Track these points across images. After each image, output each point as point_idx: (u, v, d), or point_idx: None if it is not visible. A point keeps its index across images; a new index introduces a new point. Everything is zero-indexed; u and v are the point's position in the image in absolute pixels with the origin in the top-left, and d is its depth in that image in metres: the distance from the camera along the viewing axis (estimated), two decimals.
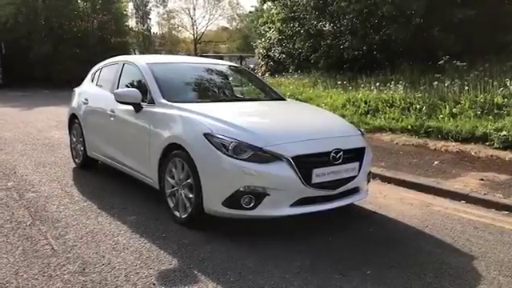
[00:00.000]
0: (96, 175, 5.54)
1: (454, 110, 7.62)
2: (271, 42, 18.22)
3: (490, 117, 7.08)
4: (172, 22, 56.28)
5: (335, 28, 13.80)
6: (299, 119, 4.25)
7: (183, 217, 3.77)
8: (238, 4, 61.50)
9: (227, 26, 61.04)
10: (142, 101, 4.33)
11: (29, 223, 3.91)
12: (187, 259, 3.16)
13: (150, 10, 49.45)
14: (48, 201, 4.54)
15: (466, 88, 8.15)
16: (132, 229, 3.75)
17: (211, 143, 3.46)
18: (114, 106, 4.78)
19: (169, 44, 58.54)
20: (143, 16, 45.96)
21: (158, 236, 3.59)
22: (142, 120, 4.29)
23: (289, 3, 15.12)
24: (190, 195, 3.67)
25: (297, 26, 14.83)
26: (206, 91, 4.85)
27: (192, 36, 55.47)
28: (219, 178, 3.42)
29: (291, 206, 3.44)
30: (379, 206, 4.47)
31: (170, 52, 58.08)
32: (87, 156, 5.63)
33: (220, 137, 3.46)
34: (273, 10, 16.77)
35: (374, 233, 3.78)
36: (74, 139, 5.98)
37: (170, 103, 4.16)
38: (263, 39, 19.46)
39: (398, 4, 11.54)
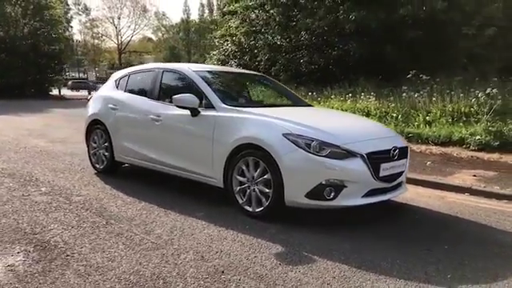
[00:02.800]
0: (124, 178, 5.67)
1: (427, 118, 8.62)
2: (227, 54, 18.70)
3: (461, 124, 8.14)
4: (95, 30, 54.76)
5: (295, 43, 14.64)
6: (350, 122, 4.80)
7: (257, 210, 4.13)
8: (164, 15, 61.13)
9: (152, 36, 60.43)
10: (199, 106, 4.63)
11: (104, 222, 4.03)
12: (287, 244, 3.53)
13: (72, 17, 47.75)
14: (101, 203, 4.65)
15: (434, 99, 9.23)
16: (212, 222, 4.03)
17: (292, 142, 3.88)
18: (161, 111, 5.02)
19: (92, 53, 56.83)
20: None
21: (241, 228, 3.90)
22: (202, 124, 4.58)
23: (249, 18, 15.75)
24: (267, 190, 4.04)
25: (258, 39, 15.48)
26: (251, 97, 5.23)
27: (116, 45, 54.14)
28: (302, 172, 3.84)
29: (362, 196, 3.95)
30: (405, 200, 5.11)
31: (94, 61, 56.60)
32: (114, 161, 5.72)
33: (301, 136, 3.90)
34: (232, 24, 17.31)
35: (421, 219, 4.39)
36: (95, 145, 6.03)
37: (231, 107, 4.53)
38: (217, 51, 19.88)
39: (360, 23, 12.63)
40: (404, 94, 10.02)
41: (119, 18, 54.28)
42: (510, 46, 13.39)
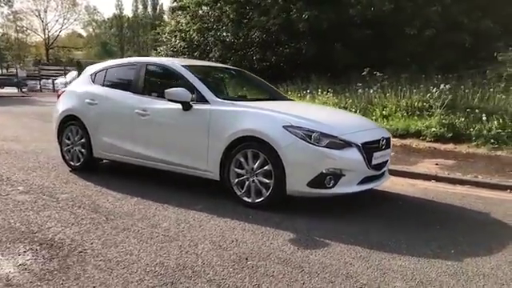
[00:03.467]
0: (104, 175, 5.55)
1: (383, 112, 9.15)
2: (176, 50, 18.48)
3: (415, 117, 8.73)
4: (19, 23, 51.54)
5: (249, 40, 14.82)
6: (338, 115, 5.04)
7: (257, 201, 4.25)
8: (95, 10, 58.83)
9: (82, 32, 57.98)
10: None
11: (104, 219, 3.96)
12: (296, 231, 3.69)
13: None
14: (91, 199, 4.54)
15: (388, 94, 9.81)
16: (214, 214, 4.09)
17: (293, 134, 4.04)
18: (147, 106, 4.97)
19: (16, 48, 53.53)
20: None
21: (245, 218, 4.00)
22: (195, 117, 4.60)
23: (201, 14, 15.70)
24: (267, 181, 4.17)
25: (210, 36, 15.48)
26: (243, 91, 5.30)
27: (43, 40, 51.26)
28: (304, 163, 4.01)
29: (357, 184, 4.20)
30: (384, 188, 5.45)
31: (18, 57, 53.13)
32: (92, 157, 5.58)
33: (301, 128, 4.06)
34: (182, 20, 17.11)
35: (404, 204, 4.73)
36: (69, 142, 5.81)
37: (226, 101, 4.60)
38: (165, 47, 19.56)
39: (312, 22, 13.04)
40: (360, 91, 10.53)
41: (46, 12, 51.35)
42: (446, 46, 14.44)
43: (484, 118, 7.79)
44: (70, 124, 5.79)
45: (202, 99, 4.64)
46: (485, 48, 13.97)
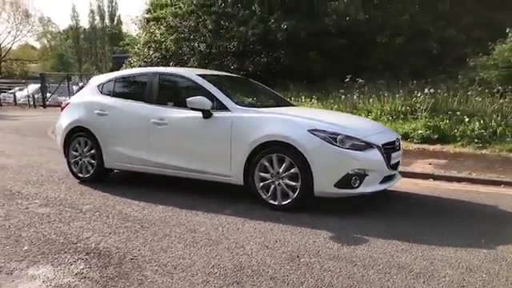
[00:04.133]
0: (115, 185, 5.55)
1: (369, 117, 9.52)
2: (150, 61, 18.34)
3: (400, 121, 9.15)
4: None
5: (227, 50, 14.99)
6: (352, 118, 5.28)
7: (283, 203, 4.40)
8: (49, 21, 57.05)
9: (36, 44, 56.11)
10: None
11: (139, 226, 4.00)
12: (330, 229, 3.86)
13: None
14: (116, 209, 4.55)
15: (371, 100, 10.22)
16: (246, 217, 4.21)
17: (319, 137, 4.24)
18: (163, 115, 5.05)
19: None
20: None
21: (277, 219, 4.13)
22: (217, 125, 4.72)
23: (176, 24, 15.76)
24: (293, 183, 4.33)
25: (187, 46, 15.55)
26: (252, 98, 5.45)
27: None
28: (331, 164, 4.21)
29: (379, 183, 4.44)
30: (392, 187, 5.72)
31: None
32: (103, 168, 5.57)
33: (326, 131, 4.27)
34: (156, 31, 17.07)
35: (416, 202, 5.01)
36: (76, 153, 5.77)
37: (246, 108, 4.76)
38: (138, 58, 19.37)
39: (290, 32, 13.37)
40: (343, 97, 10.90)
41: None
42: (415, 53, 15.14)
43: (467, 120, 8.28)
44: (77, 136, 5.75)
45: (222, 107, 4.77)
46: (450, 54, 14.79)
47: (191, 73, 5.26)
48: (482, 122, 8.19)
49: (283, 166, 4.37)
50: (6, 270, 3.10)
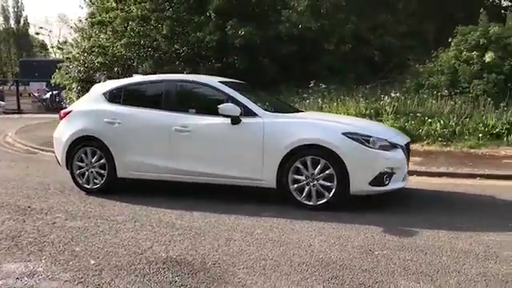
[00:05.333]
0: (129, 195, 5.43)
1: None
2: (91, 66, 17.58)
3: None
4: None
5: (184, 55, 14.90)
6: (368, 122, 5.68)
7: (319, 203, 4.65)
8: None
9: None
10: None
11: (196, 232, 4.04)
12: (381, 224, 4.16)
13: None
14: (155, 217, 4.52)
15: (335, 104, 10.82)
16: (290, 218, 4.39)
17: (353, 140, 4.56)
18: (187, 122, 5.08)
19: None
20: None
21: (319, 219, 4.34)
22: (247, 131, 4.86)
23: (127, 29, 15.34)
24: (328, 184, 4.61)
25: (137, 51, 15.19)
26: (269, 104, 5.60)
27: None
28: (366, 164, 4.54)
29: (402, 180, 4.86)
30: None
31: None
32: (115, 178, 5.45)
33: (359, 134, 4.60)
34: (102, 35, 16.41)
35: (423, 197, 5.50)
36: (82, 164, 5.56)
37: (274, 114, 4.96)
38: (76, 64, 18.46)
39: (247, 38, 13.63)
40: (307, 101, 11.40)
41: None
42: (359, 60, 16.16)
43: (429, 121, 9.12)
44: (82, 146, 5.55)
45: (250, 113, 4.91)
46: (390, 61, 16.00)
47: (213, 80, 5.35)
48: (442, 122, 9.07)
49: (318, 167, 4.62)
50: (93, 284, 3.02)
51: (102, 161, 5.45)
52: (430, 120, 9.15)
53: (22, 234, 4.09)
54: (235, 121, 4.86)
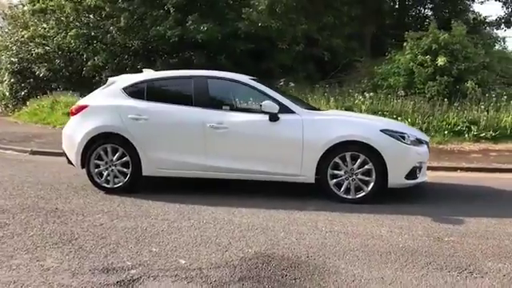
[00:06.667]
0: (150, 193, 5.29)
1: None
2: (28, 58, 16.33)
3: None
4: None
5: (134, 49, 14.42)
6: (391, 121, 6.08)
7: (357, 197, 4.91)
8: None
9: None
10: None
11: (251, 232, 4.10)
12: (429, 215, 4.51)
13: None
14: (208, 218, 4.48)
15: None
16: (335, 211, 4.58)
17: (391, 136, 4.88)
18: (222, 119, 5.07)
19: None
20: None
21: (363, 211, 4.60)
22: (286, 127, 4.97)
23: (73, 19, 14.48)
24: (367, 178, 4.88)
25: (89, 43, 14.42)
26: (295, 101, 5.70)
27: None
28: (403, 159, 4.88)
29: (425, 174, 5.29)
30: None
31: None
32: (139, 176, 5.28)
33: (394, 131, 4.94)
34: (44, 25, 15.26)
35: (429, 189, 5.98)
36: (101, 162, 5.31)
37: (311, 111, 5.16)
38: (10, 53, 17.05)
39: (208, 34, 13.57)
40: None
41: None
42: (309, 59, 16.82)
43: (399, 119, 9.82)
44: (101, 143, 5.29)
45: (287, 110, 5.03)
46: (339, 61, 16.85)
47: (245, 77, 5.36)
48: (409, 120, 9.82)
49: (357, 162, 4.87)
50: (208, 284, 3.00)
51: (125, 158, 5.24)
52: (399, 118, 9.84)
53: (76, 237, 3.86)
54: (274, 118, 4.95)
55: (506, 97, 10.84)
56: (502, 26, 17.95)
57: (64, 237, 3.86)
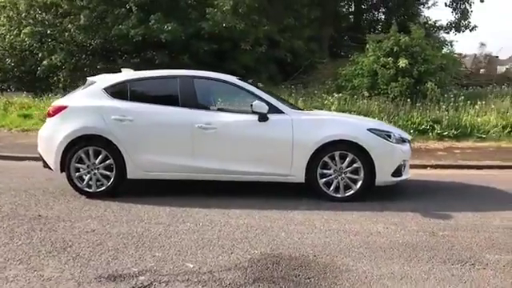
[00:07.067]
0: (142, 196, 5.15)
1: None
2: None
3: None
4: None
5: (93, 48, 13.94)
6: (374, 120, 6.18)
7: (346, 195, 5.00)
8: None
9: None
10: None
11: (252, 233, 4.09)
12: (415, 209, 4.65)
13: None
14: (203, 220, 4.41)
15: None
16: (327, 210, 4.64)
17: (377, 135, 5.00)
18: (210, 119, 5.01)
19: None
20: None
21: (354, 209, 4.71)
22: (276, 127, 4.97)
23: (25, 15, 13.77)
24: (355, 176, 4.98)
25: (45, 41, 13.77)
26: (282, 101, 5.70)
27: None
28: (389, 158, 5.01)
29: (407, 172, 5.46)
30: None
31: None
32: (124, 179, 5.12)
33: (381, 130, 5.07)
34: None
35: (418, 185, 6.18)
36: (83, 166, 5.08)
37: (299, 111, 5.21)
38: None
39: (173, 34, 13.32)
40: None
41: None
42: (272, 61, 16.96)
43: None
44: (82, 146, 5.07)
45: (276, 110, 5.04)
46: (301, 63, 17.11)
47: (232, 77, 5.31)
48: (376, 119, 10.10)
49: (346, 161, 4.96)
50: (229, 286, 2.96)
51: (109, 161, 5.05)
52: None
53: (69, 244, 3.68)
54: (263, 118, 4.94)
55: (463, 97, 11.40)
56: (453, 30, 18.87)
57: (56, 244, 3.67)
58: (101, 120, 5.03)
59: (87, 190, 5.09)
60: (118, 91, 5.21)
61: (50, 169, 5.25)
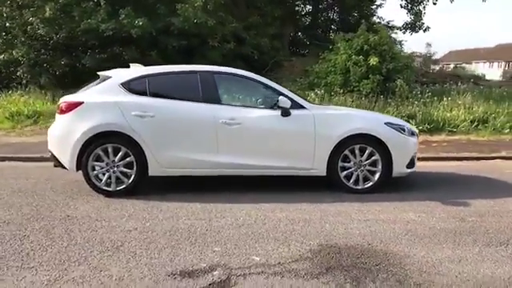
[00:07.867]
0: (156, 193, 5.05)
1: None
2: None
3: None
4: None
5: (58, 42, 13.29)
6: (383, 115, 6.39)
7: (366, 186, 5.20)
8: None
9: None
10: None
11: (298, 226, 4.18)
12: (432, 198, 4.93)
13: None
14: (239, 215, 4.43)
15: None
16: (355, 201, 4.81)
17: (394, 129, 5.24)
18: (235, 115, 5.01)
19: None
20: None
21: (379, 199, 4.92)
22: (299, 122, 5.06)
23: None
24: (374, 169, 5.19)
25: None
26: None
27: None
28: (404, 150, 5.25)
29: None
30: None
31: None
32: (145, 177, 5.02)
33: (396, 124, 5.31)
34: None
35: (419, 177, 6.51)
36: (101, 164, 4.92)
37: (320, 106, 5.35)
38: None
39: (143, 29, 12.97)
40: None
41: None
42: (238, 57, 17.00)
43: None
44: (100, 144, 4.90)
45: (297, 105, 5.13)
46: (269, 60, 17.28)
47: (251, 73, 5.33)
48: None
49: (365, 154, 5.15)
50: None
51: (129, 159, 4.91)
52: None
53: (119, 244, 3.58)
54: (286, 113, 5.02)
55: (430, 93, 12.06)
56: (409, 30, 19.83)
57: (106, 244, 3.55)
58: (121, 116, 4.88)
59: (106, 188, 4.93)
60: (136, 87, 5.07)
61: (64, 167, 5.02)
